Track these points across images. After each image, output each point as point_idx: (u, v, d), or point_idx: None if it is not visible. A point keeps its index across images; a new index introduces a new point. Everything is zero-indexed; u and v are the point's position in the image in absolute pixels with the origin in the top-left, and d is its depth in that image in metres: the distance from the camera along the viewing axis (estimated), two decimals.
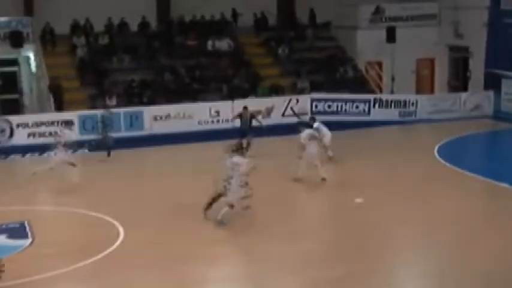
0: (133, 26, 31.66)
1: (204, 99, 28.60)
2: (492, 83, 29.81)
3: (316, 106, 28.90)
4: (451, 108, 29.30)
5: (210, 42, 31.46)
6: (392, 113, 28.92)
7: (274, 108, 28.16)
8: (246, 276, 13.54)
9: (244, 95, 28.95)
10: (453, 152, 23.87)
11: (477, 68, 30.87)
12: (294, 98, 28.92)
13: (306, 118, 24.45)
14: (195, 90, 29.43)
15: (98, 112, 24.69)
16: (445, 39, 32.37)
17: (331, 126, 25.61)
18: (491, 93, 29.60)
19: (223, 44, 31.57)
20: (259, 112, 25.79)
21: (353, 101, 28.99)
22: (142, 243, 14.92)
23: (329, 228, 16.12)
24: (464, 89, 31.39)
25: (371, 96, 29.58)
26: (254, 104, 28.20)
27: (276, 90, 29.99)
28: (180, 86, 29.45)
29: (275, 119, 28.05)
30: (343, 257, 14.16)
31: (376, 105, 29.08)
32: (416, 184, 19.56)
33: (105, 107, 25.38)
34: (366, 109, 28.91)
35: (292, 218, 16.64)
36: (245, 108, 23.50)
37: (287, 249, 14.48)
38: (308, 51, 32.45)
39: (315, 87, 30.16)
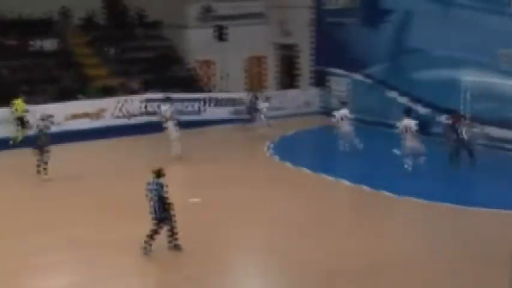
0: None
1: (31, 102, 27.28)
2: (320, 79, 30.72)
3: (148, 107, 28.48)
4: (281, 105, 29.86)
5: (35, 42, 30.14)
6: (225, 112, 29.08)
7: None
8: (90, 283, 13.03)
9: (73, 96, 28.05)
10: (286, 149, 24.36)
11: (305, 65, 31.68)
12: (125, 98, 28.36)
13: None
14: (21, 92, 28.02)
15: None
16: (274, 38, 32.95)
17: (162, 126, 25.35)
18: (319, 90, 30.50)
19: (50, 44, 30.37)
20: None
21: (185, 100, 28.84)
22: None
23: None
24: (294, 86, 32.10)
25: (203, 95, 29.57)
26: (84, 105, 27.53)
27: (107, 91, 29.26)
28: (4, 87, 27.96)
29: (106, 120, 27.44)
30: (181, 260, 13.95)
31: (209, 104, 29.14)
32: (251, 181, 19.70)
33: None
34: (199, 108, 28.85)
35: (127, 220, 16.20)
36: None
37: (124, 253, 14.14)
38: (138, 50, 31.93)
39: (146, 87, 29.76)
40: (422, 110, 25.26)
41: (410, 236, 15.24)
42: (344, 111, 23.45)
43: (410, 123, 20.27)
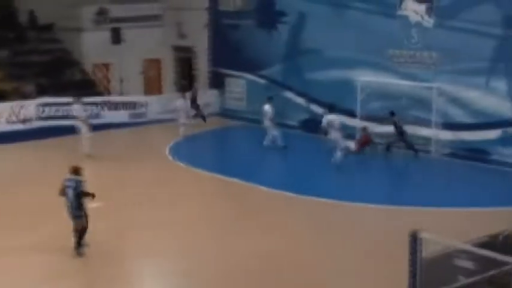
0: None
1: None
2: (217, 81, 30.95)
3: (43, 111, 27.95)
4: (179, 108, 29.79)
5: None
6: (122, 115, 28.90)
7: None
8: None
9: None
10: (185, 151, 24.48)
11: (202, 67, 31.82)
12: (20, 103, 27.70)
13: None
14: None
15: None
16: (170, 40, 32.94)
17: (60, 131, 25.11)
18: (216, 92, 30.73)
19: None
20: None
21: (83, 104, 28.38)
22: None
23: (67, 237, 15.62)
24: (191, 88, 32.13)
25: (100, 99, 29.24)
26: None
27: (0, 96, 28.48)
28: None
29: (1, 126, 26.78)
30: (84, 265, 13.90)
31: (106, 108, 28.87)
32: (152, 186, 19.72)
33: None
34: (96, 112, 28.48)
35: (26, 228, 15.92)
36: None
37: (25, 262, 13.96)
38: (31, 54, 31.15)
39: (41, 91, 29.16)
40: (318, 109, 25.87)
41: (308, 234, 15.68)
42: (266, 107, 24.04)
43: (333, 118, 21.29)
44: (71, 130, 23.58)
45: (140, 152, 24.19)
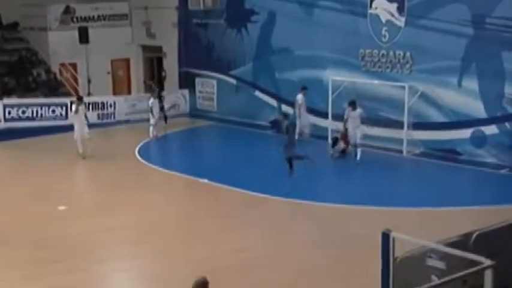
0: None
1: None
2: (186, 81, 30.59)
3: (9, 112, 27.38)
4: (148, 108, 29.39)
5: None
6: (90, 116, 28.29)
7: None
8: None
9: None
10: (155, 152, 24.16)
11: (171, 67, 31.42)
12: None
13: None
14: None
15: None
16: (138, 39, 32.55)
17: (26, 132, 24.64)
18: (186, 92, 30.38)
19: None
20: None
21: (49, 105, 27.91)
22: None
23: (34, 239, 15.17)
24: (161, 88, 31.75)
25: (68, 100, 28.68)
26: None
27: None
28: None
29: None
30: (51, 268, 13.45)
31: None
32: (121, 188, 19.37)
33: None
34: (63, 113, 27.95)
35: None
36: None
37: None
38: None
39: (6, 92, 28.60)
40: (290, 110, 25.59)
41: (277, 235, 15.39)
42: (298, 96, 24.08)
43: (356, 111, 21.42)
44: (39, 131, 23.13)
45: (109, 153, 23.78)
